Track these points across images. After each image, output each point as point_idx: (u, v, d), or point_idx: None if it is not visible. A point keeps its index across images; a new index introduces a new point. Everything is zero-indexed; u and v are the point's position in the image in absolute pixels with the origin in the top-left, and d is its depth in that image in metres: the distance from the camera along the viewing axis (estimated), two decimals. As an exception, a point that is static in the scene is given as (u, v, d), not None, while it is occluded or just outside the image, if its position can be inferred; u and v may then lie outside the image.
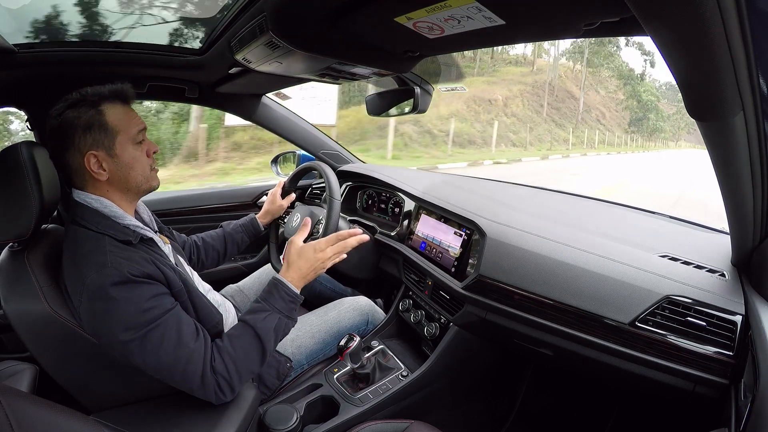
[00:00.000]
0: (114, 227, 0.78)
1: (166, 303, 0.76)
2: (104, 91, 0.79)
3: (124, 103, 0.83)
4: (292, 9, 0.73)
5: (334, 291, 1.53)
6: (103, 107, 0.79)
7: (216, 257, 1.25)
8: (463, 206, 1.20)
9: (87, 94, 0.78)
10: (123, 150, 0.81)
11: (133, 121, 0.82)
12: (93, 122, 0.77)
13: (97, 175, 0.79)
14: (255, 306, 0.87)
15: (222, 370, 0.77)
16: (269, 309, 0.86)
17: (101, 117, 0.78)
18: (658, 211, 1.27)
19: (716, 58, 0.40)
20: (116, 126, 0.79)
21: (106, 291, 0.70)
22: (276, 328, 0.85)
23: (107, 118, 0.79)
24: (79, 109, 0.77)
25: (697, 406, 0.82)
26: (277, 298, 0.88)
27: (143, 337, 0.71)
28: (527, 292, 0.95)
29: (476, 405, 1.32)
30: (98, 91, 0.79)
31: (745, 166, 0.56)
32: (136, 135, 0.83)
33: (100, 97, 0.79)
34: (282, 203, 1.37)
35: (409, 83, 1.22)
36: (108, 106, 0.79)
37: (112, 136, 0.79)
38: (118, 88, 0.81)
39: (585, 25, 0.60)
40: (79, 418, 0.56)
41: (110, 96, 0.80)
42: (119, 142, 0.80)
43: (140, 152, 0.84)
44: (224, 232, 1.29)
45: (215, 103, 1.55)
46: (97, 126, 0.78)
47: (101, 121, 0.78)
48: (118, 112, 0.80)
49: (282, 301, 0.88)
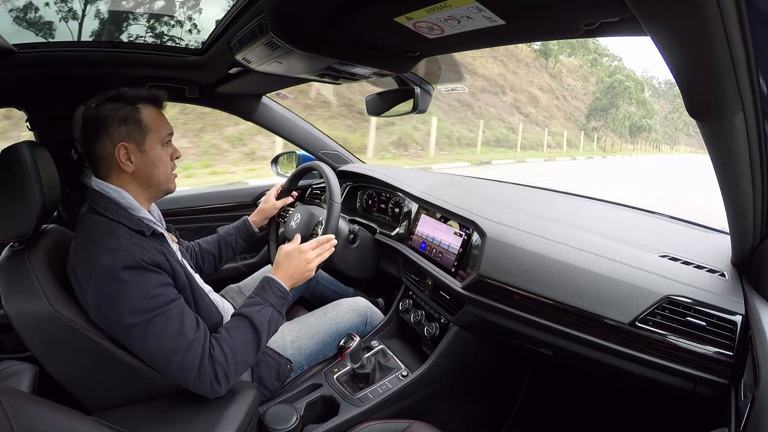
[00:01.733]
0: (129, 217, 0.82)
1: (171, 293, 0.79)
2: (141, 93, 0.86)
3: (157, 106, 0.89)
4: (292, 9, 0.73)
5: (335, 291, 1.54)
6: (139, 106, 0.84)
7: (213, 261, 1.26)
8: (463, 206, 1.20)
9: (126, 92, 0.84)
10: (152, 148, 0.86)
11: (164, 125, 0.89)
12: (129, 117, 0.83)
13: (124, 166, 0.83)
14: (249, 300, 0.91)
15: (221, 358, 0.79)
16: (263, 303, 0.90)
17: (137, 114, 0.84)
18: (658, 211, 1.28)
19: (716, 58, 0.40)
20: (149, 124, 0.85)
21: (117, 273, 0.73)
22: (269, 322, 0.88)
23: (142, 116, 0.84)
24: (118, 104, 0.83)
25: (697, 406, 0.82)
26: (270, 293, 0.92)
27: (147, 322, 0.74)
28: (527, 292, 0.95)
29: (476, 405, 1.32)
30: (136, 91, 0.86)
31: (745, 166, 0.56)
32: (165, 137, 0.88)
33: (137, 96, 0.85)
34: (276, 204, 1.38)
35: (409, 83, 1.23)
36: (143, 106, 0.85)
37: (144, 133, 0.84)
38: (154, 93, 0.88)
39: (585, 25, 0.60)
40: (79, 418, 0.56)
41: (147, 98, 0.86)
42: (150, 140, 0.85)
43: (166, 154, 0.89)
44: (218, 237, 1.30)
45: (215, 103, 1.55)
46: (133, 121, 0.83)
47: (137, 118, 0.84)
48: (152, 112, 0.86)
49: (274, 296, 0.92)
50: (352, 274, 1.42)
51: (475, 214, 1.14)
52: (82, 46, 1.10)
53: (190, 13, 0.93)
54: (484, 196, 1.38)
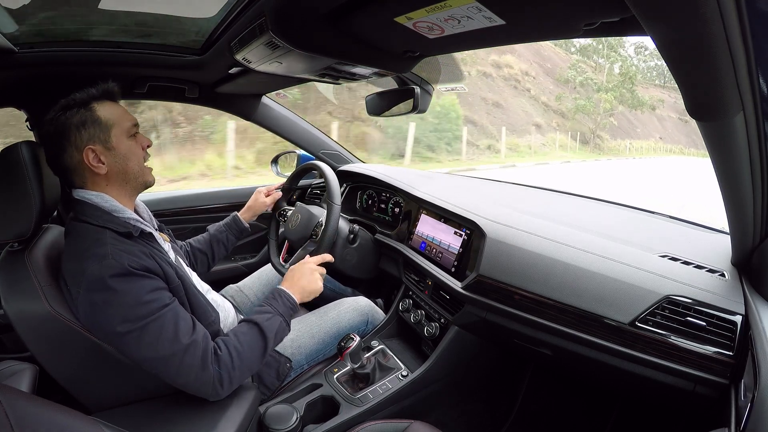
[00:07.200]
0: (114, 221, 0.80)
1: (164, 297, 0.78)
2: (91, 92, 0.83)
3: (112, 100, 0.86)
4: (292, 9, 0.73)
5: (334, 291, 1.53)
6: (93, 105, 0.82)
7: (205, 261, 1.25)
8: (463, 206, 1.20)
9: (75, 97, 0.81)
10: (119, 142, 0.83)
11: (125, 116, 0.85)
12: (86, 119, 0.80)
13: (96, 169, 0.81)
14: (259, 309, 0.91)
15: (227, 360, 0.79)
16: (273, 312, 0.89)
17: (93, 114, 0.81)
18: (657, 211, 1.28)
19: (716, 58, 0.40)
20: (109, 120, 0.82)
21: (105, 282, 0.71)
22: (277, 331, 0.88)
23: (99, 114, 0.81)
24: (70, 111, 0.80)
25: (697, 406, 0.82)
26: (280, 303, 0.92)
27: (141, 329, 0.72)
28: (527, 292, 0.95)
29: (476, 405, 1.32)
30: (85, 92, 0.82)
31: (745, 166, 0.56)
32: (130, 128, 0.85)
33: (88, 96, 0.82)
34: (265, 201, 1.37)
35: (409, 83, 1.23)
36: (98, 104, 0.82)
37: (106, 130, 0.82)
38: (104, 87, 0.84)
39: (585, 25, 0.60)
40: (79, 417, 0.56)
41: (98, 95, 0.83)
42: (114, 135, 0.82)
43: (135, 144, 0.86)
44: (210, 235, 1.28)
45: (215, 103, 1.55)
46: (90, 122, 0.80)
47: (93, 117, 0.81)
48: (108, 108, 0.84)
49: (284, 306, 0.92)
50: (352, 274, 1.42)
51: (475, 214, 1.14)
52: (82, 46, 1.09)
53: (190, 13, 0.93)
54: (484, 195, 1.38)
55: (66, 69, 1.12)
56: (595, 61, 34.28)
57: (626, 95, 27.32)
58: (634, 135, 32.08)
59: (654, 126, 37.34)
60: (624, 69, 29.81)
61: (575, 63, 28.88)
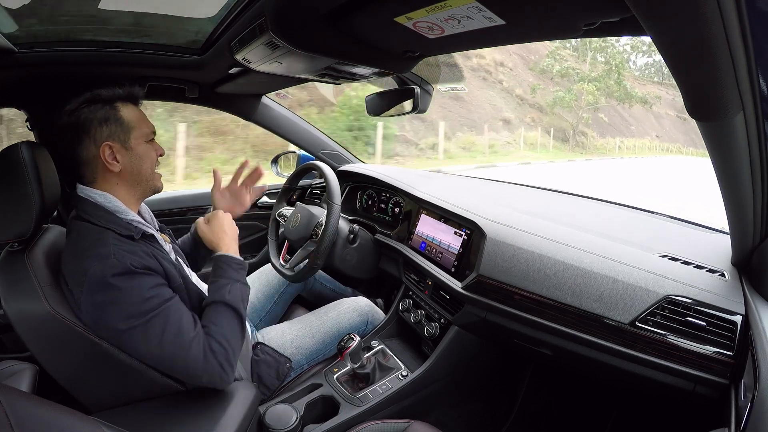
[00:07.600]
0: (117, 222, 0.80)
1: (165, 293, 0.79)
2: (118, 92, 0.85)
3: (135, 104, 0.88)
4: (292, 9, 0.73)
5: (334, 291, 1.53)
6: (117, 104, 0.84)
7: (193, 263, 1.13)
8: (463, 206, 1.20)
9: (101, 93, 0.83)
10: (137, 144, 0.85)
11: (146, 122, 0.88)
12: (109, 116, 0.82)
13: (110, 166, 0.82)
14: (214, 285, 0.88)
15: (218, 348, 0.79)
16: (228, 281, 0.89)
17: (116, 113, 0.83)
18: (657, 211, 1.28)
19: (716, 58, 0.40)
20: (131, 122, 0.84)
21: (107, 281, 0.72)
22: (242, 297, 0.89)
23: (122, 114, 0.83)
24: (95, 106, 0.81)
25: (697, 406, 0.82)
26: (228, 269, 0.91)
27: (146, 324, 0.73)
28: (527, 292, 0.95)
29: (476, 405, 1.32)
30: (111, 91, 0.84)
31: (745, 166, 0.56)
32: (148, 134, 0.88)
33: (114, 95, 0.84)
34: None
35: (409, 83, 1.23)
36: (122, 105, 0.84)
37: (128, 131, 0.84)
38: (129, 89, 0.86)
39: (585, 25, 0.60)
40: (79, 418, 0.56)
41: (124, 96, 0.85)
42: (134, 137, 0.84)
43: (151, 149, 0.88)
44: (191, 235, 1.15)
45: (215, 103, 1.55)
46: (113, 120, 0.82)
47: (117, 116, 0.83)
48: (131, 110, 0.86)
49: (233, 271, 0.91)
50: (352, 274, 1.42)
51: (475, 214, 1.14)
52: (82, 46, 1.09)
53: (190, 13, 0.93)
54: (484, 195, 1.38)
55: (66, 69, 1.12)
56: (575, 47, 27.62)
57: (613, 87, 22.61)
58: (628, 133, 29.61)
59: (650, 123, 36.09)
60: (610, 56, 24.10)
61: (554, 51, 23.41)
